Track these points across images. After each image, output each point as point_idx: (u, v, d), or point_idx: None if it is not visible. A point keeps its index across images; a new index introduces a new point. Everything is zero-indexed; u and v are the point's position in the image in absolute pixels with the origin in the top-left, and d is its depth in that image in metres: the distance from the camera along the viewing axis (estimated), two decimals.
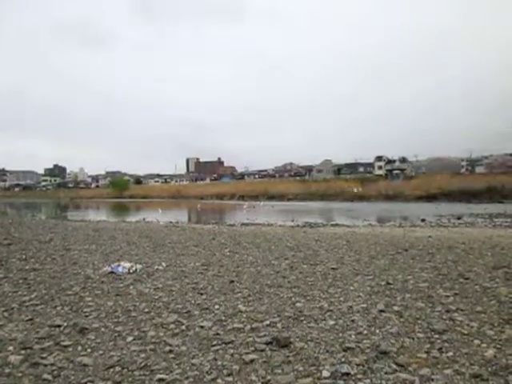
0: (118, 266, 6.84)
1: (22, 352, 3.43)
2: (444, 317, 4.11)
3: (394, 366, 3.05)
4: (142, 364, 3.21)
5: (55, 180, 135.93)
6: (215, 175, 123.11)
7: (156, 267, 7.02)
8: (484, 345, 3.40)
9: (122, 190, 79.75)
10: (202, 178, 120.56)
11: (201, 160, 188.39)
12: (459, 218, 20.26)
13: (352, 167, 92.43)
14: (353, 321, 4.04)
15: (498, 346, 3.36)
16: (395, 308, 4.42)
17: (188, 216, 31.13)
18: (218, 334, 3.79)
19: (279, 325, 3.97)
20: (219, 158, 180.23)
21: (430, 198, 41.08)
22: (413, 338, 3.57)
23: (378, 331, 3.76)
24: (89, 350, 3.49)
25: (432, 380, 2.85)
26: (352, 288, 5.36)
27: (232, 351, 3.41)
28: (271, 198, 52.41)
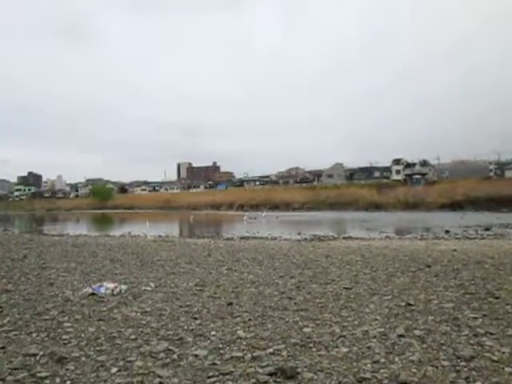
0: (101, 286, 6.86)
1: None
2: (471, 342, 4.11)
3: None
4: None
5: (30, 189, 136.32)
6: (210, 182, 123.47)
7: (143, 288, 7.05)
8: None
9: (104, 200, 80.00)
10: (196, 186, 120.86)
11: (194, 165, 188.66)
12: (488, 229, 20.25)
13: (366, 172, 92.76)
14: (369, 347, 4.03)
15: None
16: (416, 332, 4.42)
17: (179, 229, 31.14)
18: (214, 363, 3.78)
19: (284, 353, 3.96)
20: (215, 163, 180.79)
21: (455, 206, 41.05)
22: (436, 367, 3.56)
23: (397, 359, 3.75)
24: (68, 383, 3.47)
25: None
26: (368, 310, 5.37)
27: (230, 383, 3.40)
28: (275, 207, 52.51)
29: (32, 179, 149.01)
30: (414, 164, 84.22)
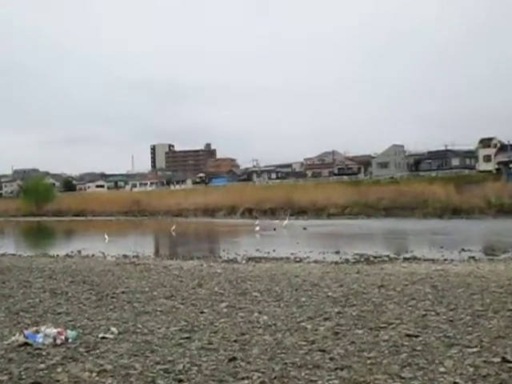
0: (37, 332, 6.87)
1: None
2: None
3: None
4: None
5: None
6: (202, 175, 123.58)
7: (101, 335, 7.09)
8: None
9: (41, 202, 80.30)
10: (179, 180, 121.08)
11: (176, 148, 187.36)
12: None
13: (439, 158, 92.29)
14: None
15: None
16: None
17: (155, 246, 31.39)
18: None
19: None
20: (208, 146, 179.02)
21: None
22: None
23: None
24: None
25: None
26: (443, 369, 5.31)
27: None
28: (300, 213, 52.43)
29: None
30: None
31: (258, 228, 35.76)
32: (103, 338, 6.97)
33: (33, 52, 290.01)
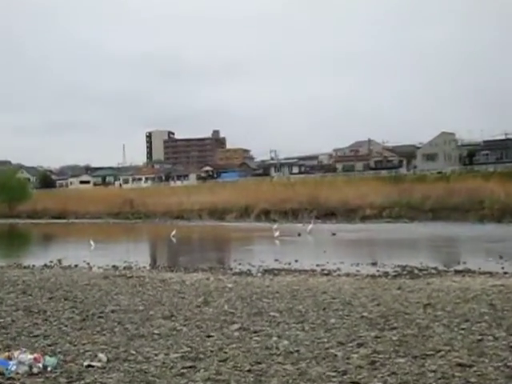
0: (9, 359, 6.88)
1: None
2: None
3: None
4: None
5: None
6: (208, 168, 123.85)
7: (87, 363, 7.12)
8: None
9: (14, 202, 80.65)
10: (181, 175, 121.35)
11: (177, 136, 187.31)
12: None
13: (498, 149, 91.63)
14: None
15: None
16: None
17: (151, 254, 31.42)
18: None
19: None
20: (216, 133, 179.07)
21: None
22: None
23: None
24: None
25: None
26: None
27: None
28: (328, 215, 52.05)
29: None
30: None
31: (277, 233, 35.33)
32: (89, 366, 6.96)
33: (3, 16, 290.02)
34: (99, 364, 7.06)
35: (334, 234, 36.68)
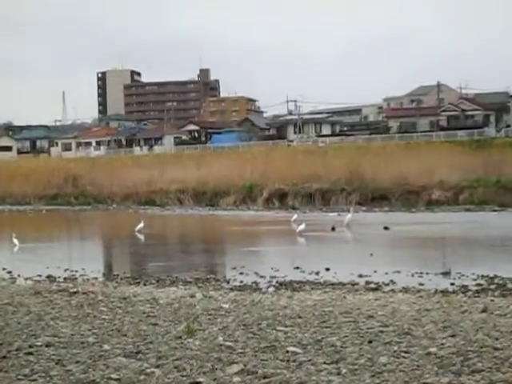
0: None
1: None
2: None
3: None
4: None
5: None
6: (194, 128, 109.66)
7: None
8: None
9: None
10: (151, 138, 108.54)
11: (145, 79, 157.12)
12: None
13: None
14: None
15: None
16: None
17: (106, 258, 28.32)
18: None
19: None
20: (205, 73, 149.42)
21: None
22: None
23: None
24: None
25: None
26: None
27: None
28: (377, 199, 45.01)
29: None
30: None
31: (299, 227, 30.53)
32: None
33: None
34: None
35: (386, 228, 31.63)
